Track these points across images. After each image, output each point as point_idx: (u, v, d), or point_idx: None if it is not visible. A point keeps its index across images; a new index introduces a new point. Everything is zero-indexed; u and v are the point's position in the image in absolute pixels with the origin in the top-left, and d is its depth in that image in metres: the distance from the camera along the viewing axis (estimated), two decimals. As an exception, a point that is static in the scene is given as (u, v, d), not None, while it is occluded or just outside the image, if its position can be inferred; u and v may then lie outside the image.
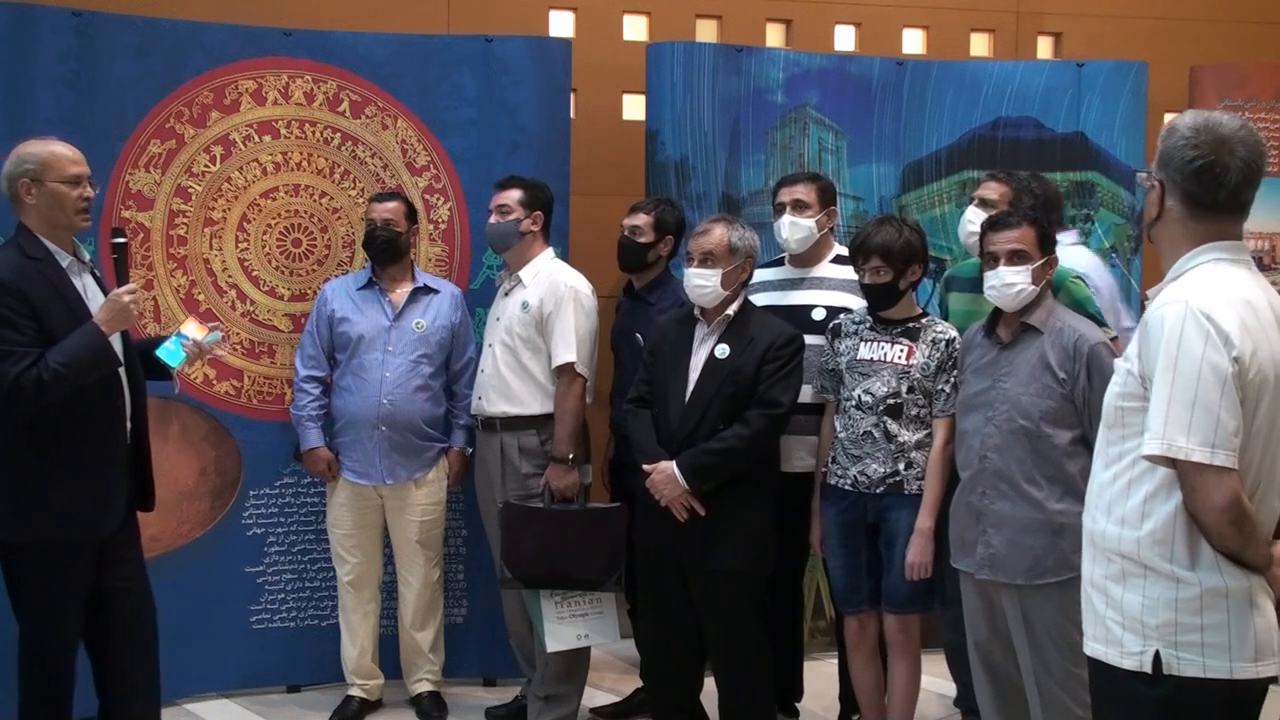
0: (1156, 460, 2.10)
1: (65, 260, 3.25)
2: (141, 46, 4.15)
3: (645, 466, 3.57)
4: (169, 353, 3.42)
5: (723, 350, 3.57)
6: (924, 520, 3.50)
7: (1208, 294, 2.10)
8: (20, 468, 3.15)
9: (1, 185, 3.26)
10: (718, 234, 3.60)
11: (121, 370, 3.30)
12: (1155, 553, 2.14)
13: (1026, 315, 3.23)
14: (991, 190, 3.86)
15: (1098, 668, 2.26)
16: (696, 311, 3.65)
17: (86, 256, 3.36)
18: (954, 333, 3.59)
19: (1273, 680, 2.14)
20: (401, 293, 4.17)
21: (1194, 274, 2.17)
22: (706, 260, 3.58)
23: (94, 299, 3.28)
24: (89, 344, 3.14)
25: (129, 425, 3.36)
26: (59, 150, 3.28)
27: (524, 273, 4.03)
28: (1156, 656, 2.13)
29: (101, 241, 4.12)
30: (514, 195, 4.04)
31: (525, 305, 3.99)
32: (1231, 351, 2.03)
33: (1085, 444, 3.10)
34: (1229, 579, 2.10)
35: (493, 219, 4.07)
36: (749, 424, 3.53)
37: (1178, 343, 2.07)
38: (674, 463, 3.52)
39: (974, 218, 3.76)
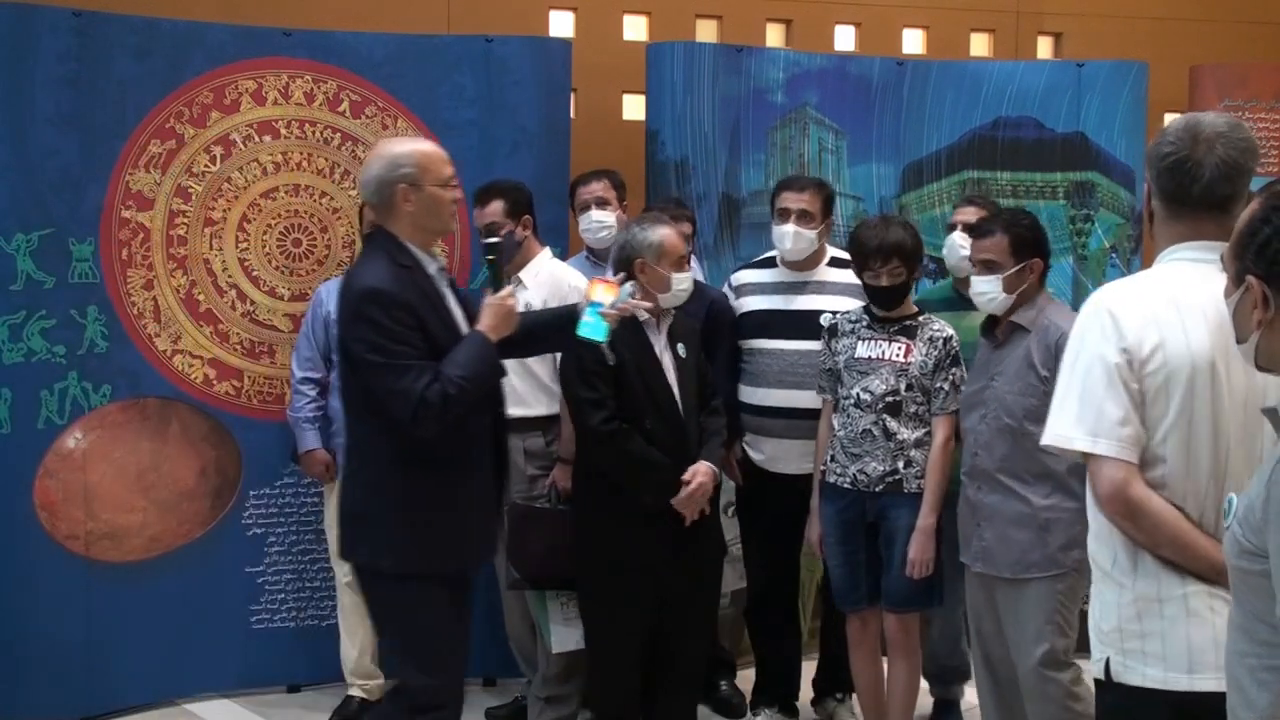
0: (1055, 451, 2.16)
1: (431, 267, 3.03)
2: (141, 46, 4.14)
3: (685, 477, 3.46)
4: (591, 328, 3.12)
5: (682, 350, 3.58)
6: (925, 518, 3.51)
7: (1124, 290, 2.14)
8: (406, 495, 2.91)
9: (366, 191, 3.02)
10: (679, 236, 3.63)
11: None
12: (1102, 555, 2.14)
13: (1016, 314, 3.27)
14: (970, 214, 3.95)
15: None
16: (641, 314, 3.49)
17: (444, 262, 3.12)
18: (950, 330, 3.62)
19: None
20: None
21: (1141, 273, 2.20)
22: (681, 264, 3.58)
23: (454, 306, 3.06)
24: (482, 355, 2.94)
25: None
26: (431, 150, 3.04)
27: (524, 274, 4.00)
28: (1108, 663, 2.11)
29: (104, 241, 4.12)
30: (497, 208, 3.98)
31: (528, 307, 3.95)
32: (1121, 343, 2.05)
33: None
34: (1164, 585, 2.05)
35: (484, 236, 3.94)
36: (720, 413, 3.68)
37: (1080, 338, 2.13)
38: (709, 464, 3.52)
39: (963, 241, 3.85)
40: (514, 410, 3.90)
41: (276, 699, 4.41)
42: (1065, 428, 2.11)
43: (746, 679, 4.34)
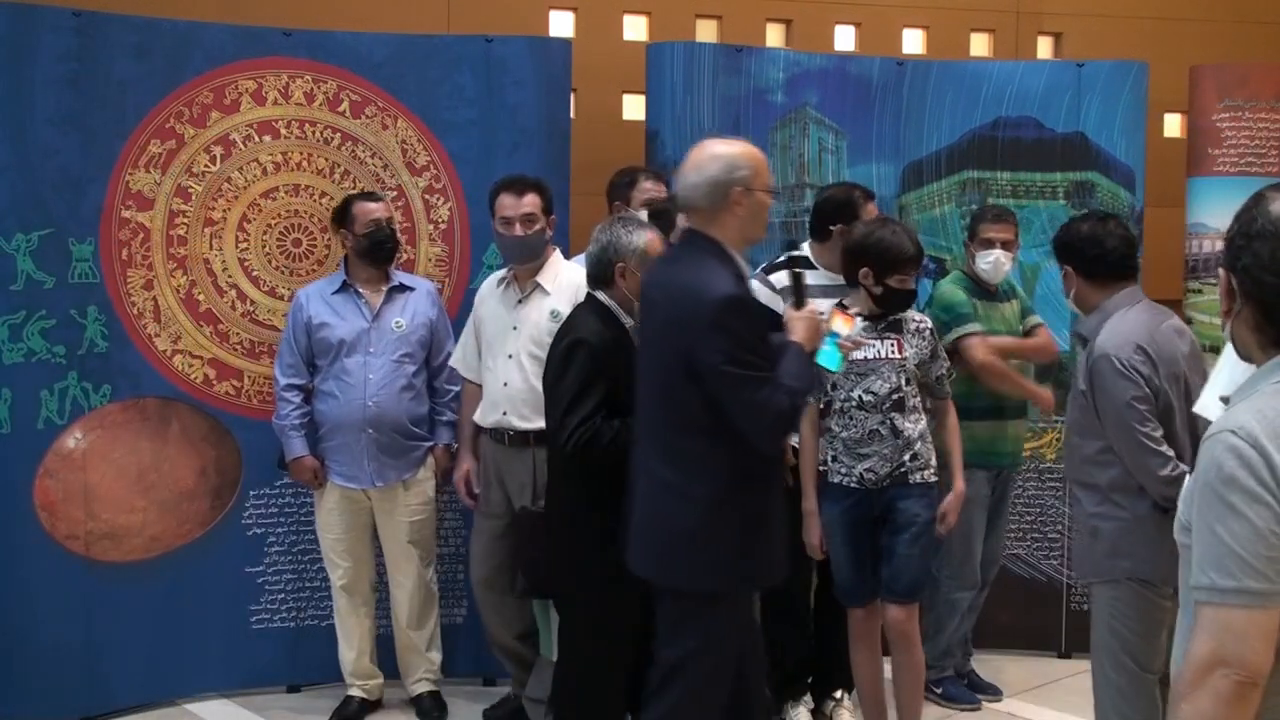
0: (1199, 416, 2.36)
1: (746, 273, 2.97)
2: (141, 46, 4.14)
3: None
4: (828, 356, 3.11)
5: None
6: (959, 483, 3.71)
7: None
8: (741, 512, 2.87)
9: (696, 193, 2.88)
10: (661, 241, 3.47)
11: None
12: None
13: (1079, 323, 3.30)
14: (1008, 232, 4.25)
15: None
16: (623, 316, 3.40)
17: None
18: (929, 320, 3.76)
19: None
20: (378, 293, 4.14)
21: None
22: None
23: None
24: (807, 368, 2.91)
25: None
26: (759, 153, 2.98)
27: (543, 279, 3.91)
28: None
29: (104, 241, 4.12)
30: (536, 202, 3.89)
31: (555, 314, 3.82)
32: None
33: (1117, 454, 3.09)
34: None
35: (518, 230, 3.87)
36: None
37: None
38: None
39: (1006, 259, 4.24)
40: (540, 423, 3.76)
41: (276, 699, 4.41)
42: (1209, 398, 2.25)
43: (746, 679, 4.34)
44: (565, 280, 3.92)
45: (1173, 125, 5.86)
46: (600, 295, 3.42)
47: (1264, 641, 1.55)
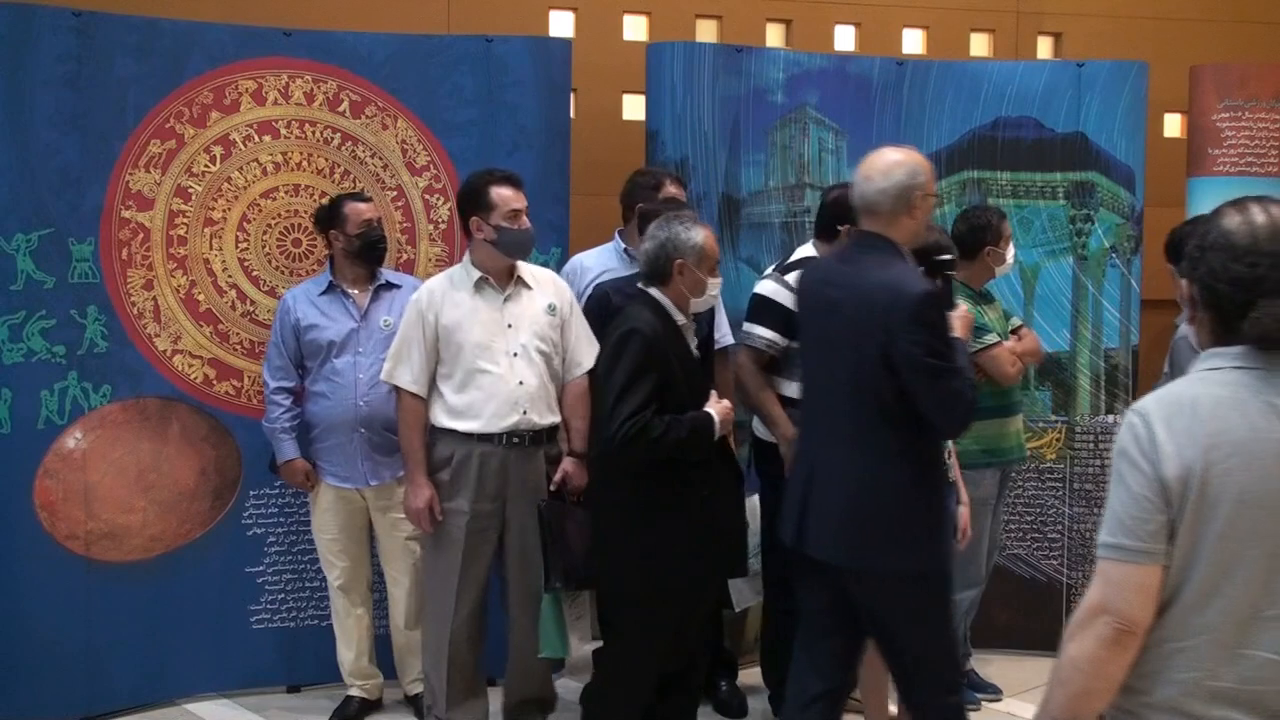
0: None
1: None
2: (141, 46, 4.15)
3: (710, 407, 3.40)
4: None
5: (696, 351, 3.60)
6: (965, 493, 3.76)
7: None
8: (931, 495, 3.10)
9: (883, 198, 3.06)
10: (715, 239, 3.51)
11: None
12: None
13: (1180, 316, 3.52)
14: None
15: None
16: (676, 314, 3.39)
17: None
18: None
19: None
20: (366, 292, 4.13)
21: None
22: (715, 269, 3.46)
23: None
24: (970, 365, 3.15)
25: None
26: (927, 160, 3.16)
27: (524, 275, 3.87)
28: None
29: (104, 241, 4.12)
30: (524, 199, 3.84)
31: (552, 309, 3.83)
32: None
33: None
34: None
35: (526, 222, 3.81)
36: None
37: None
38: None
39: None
40: (554, 419, 3.83)
41: (276, 699, 4.41)
42: None
43: (746, 679, 4.35)
44: (543, 276, 3.94)
45: (1173, 125, 5.86)
46: (654, 291, 3.40)
47: (1140, 595, 1.75)
